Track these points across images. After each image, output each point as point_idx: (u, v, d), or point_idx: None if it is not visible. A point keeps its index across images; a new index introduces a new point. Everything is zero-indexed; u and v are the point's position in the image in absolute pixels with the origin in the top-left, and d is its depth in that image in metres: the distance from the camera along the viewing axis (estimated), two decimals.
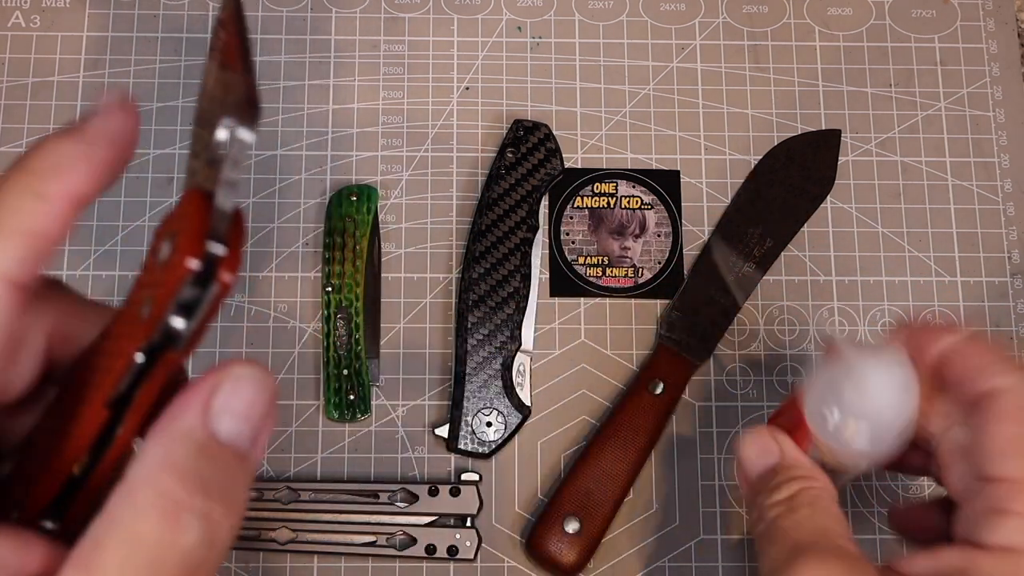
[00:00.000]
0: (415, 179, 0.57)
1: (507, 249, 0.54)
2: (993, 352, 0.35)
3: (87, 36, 0.58)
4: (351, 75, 0.58)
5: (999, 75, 0.59)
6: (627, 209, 0.56)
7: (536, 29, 0.59)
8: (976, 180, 0.57)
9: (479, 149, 0.57)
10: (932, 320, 0.39)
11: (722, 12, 0.60)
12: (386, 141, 0.57)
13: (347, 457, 0.53)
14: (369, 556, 0.51)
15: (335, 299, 0.53)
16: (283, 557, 0.51)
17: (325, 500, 0.51)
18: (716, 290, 0.54)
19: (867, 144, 0.58)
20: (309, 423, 0.53)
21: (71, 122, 0.25)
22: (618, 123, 0.58)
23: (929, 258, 0.56)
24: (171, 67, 0.58)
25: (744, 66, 0.59)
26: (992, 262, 0.56)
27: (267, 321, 0.54)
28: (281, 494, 0.51)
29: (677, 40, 0.59)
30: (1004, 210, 0.57)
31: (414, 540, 0.50)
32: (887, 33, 0.60)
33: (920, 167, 0.58)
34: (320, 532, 0.50)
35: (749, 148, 0.58)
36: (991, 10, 0.60)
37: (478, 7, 0.59)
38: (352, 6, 0.59)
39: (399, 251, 0.56)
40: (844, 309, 0.55)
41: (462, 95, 0.58)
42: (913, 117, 0.58)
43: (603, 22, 0.59)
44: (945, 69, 0.59)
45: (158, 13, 0.59)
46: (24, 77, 0.57)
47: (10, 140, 0.56)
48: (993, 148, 0.58)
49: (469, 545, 0.50)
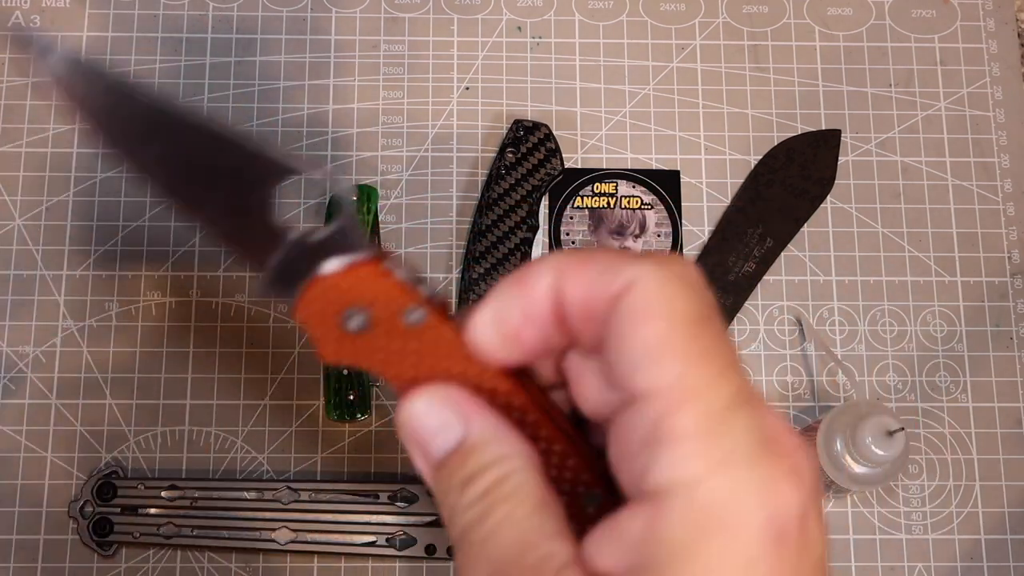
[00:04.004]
0: (415, 179, 0.57)
1: (507, 249, 0.54)
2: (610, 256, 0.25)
3: (87, 36, 0.58)
4: (351, 75, 0.58)
5: (999, 75, 0.59)
6: (627, 209, 0.56)
7: (536, 29, 0.59)
8: (976, 180, 0.57)
9: (479, 149, 0.57)
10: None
11: (722, 12, 0.60)
12: (386, 141, 0.57)
13: (347, 457, 0.53)
14: (369, 556, 0.51)
15: None
16: (283, 557, 0.51)
17: (325, 500, 0.51)
18: (716, 290, 0.54)
19: (867, 144, 0.58)
20: (309, 423, 0.53)
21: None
22: (618, 123, 0.58)
23: (929, 258, 0.56)
24: (171, 67, 0.58)
25: (744, 66, 0.59)
26: (992, 262, 0.56)
27: (267, 321, 0.54)
28: (281, 494, 0.51)
29: (677, 40, 0.59)
30: (1004, 210, 0.57)
31: (414, 540, 0.50)
32: (887, 33, 0.60)
33: (920, 167, 0.58)
34: (320, 532, 0.50)
35: (749, 148, 0.58)
36: (991, 10, 0.60)
37: (478, 7, 0.59)
38: (352, 6, 0.59)
39: (399, 251, 0.56)
40: (844, 309, 0.55)
41: (462, 95, 0.58)
42: (913, 117, 0.58)
43: (603, 22, 0.59)
44: (945, 69, 0.59)
45: (158, 13, 0.59)
46: (24, 77, 0.57)
47: (10, 140, 0.56)
48: (993, 148, 0.58)
49: None
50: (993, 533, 0.53)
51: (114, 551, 0.51)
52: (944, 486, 0.53)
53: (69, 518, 0.51)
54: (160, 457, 0.53)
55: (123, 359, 0.54)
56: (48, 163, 0.56)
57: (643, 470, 0.22)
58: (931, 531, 0.52)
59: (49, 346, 0.54)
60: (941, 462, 0.53)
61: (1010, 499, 0.53)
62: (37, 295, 0.54)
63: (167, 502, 0.50)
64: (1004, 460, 0.53)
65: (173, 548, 0.51)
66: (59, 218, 0.55)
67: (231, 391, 0.53)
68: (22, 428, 0.53)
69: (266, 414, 0.53)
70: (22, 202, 0.56)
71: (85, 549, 0.50)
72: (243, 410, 0.53)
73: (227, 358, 0.54)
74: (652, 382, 0.22)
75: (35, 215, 0.55)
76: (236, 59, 0.58)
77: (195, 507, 0.50)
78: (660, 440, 0.22)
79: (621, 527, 0.22)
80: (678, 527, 0.21)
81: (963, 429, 0.54)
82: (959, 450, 0.53)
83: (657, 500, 0.21)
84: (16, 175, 0.56)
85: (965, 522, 0.53)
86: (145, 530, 0.50)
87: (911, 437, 0.53)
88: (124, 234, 0.55)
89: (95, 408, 0.53)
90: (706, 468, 0.21)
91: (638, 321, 0.23)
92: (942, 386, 0.54)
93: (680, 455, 0.21)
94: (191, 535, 0.50)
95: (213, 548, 0.51)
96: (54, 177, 0.56)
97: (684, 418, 0.22)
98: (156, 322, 0.54)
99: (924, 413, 0.54)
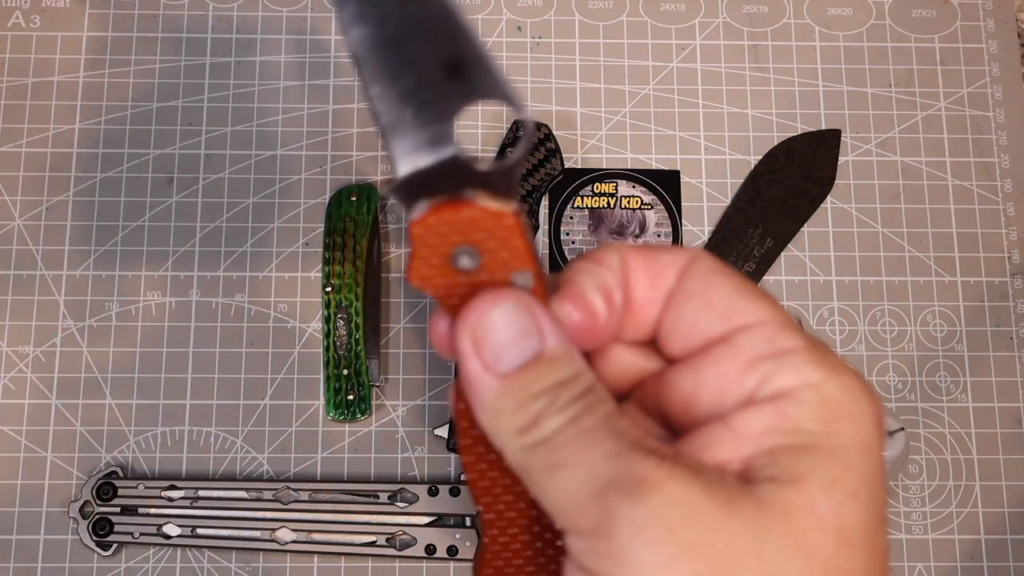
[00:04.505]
0: None
1: None
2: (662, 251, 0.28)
3: (87, 36, 0.58)
4: (351, 75, 0.58)
5: (999, 75, 0.59)
6: (627, 209, 0.56)
7: (536, 29, 0.59)
8: (976, 180, 0.57)
9: (479, 149, 0.57)
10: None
11: (722, 12, 0.60)
12: None
13: (347, 457, 0.53)
14: (369, 556, 0.51)
15: (335, 299, 0.53)
16: (283, 557, 0.51)
17: (325, 500, 0.51)
18: None
19: (867, 144, 0.58)
20: (309, 423, 0.53)
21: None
22: (618, 123, 0.58)
23: (929, 258, 0.56)
24: (171, 67, 0.58)
25: (744, 66, 0.59)
26: (992, 262, 0.56)
27: (267, 321, 0.54)
28: (281, 494, 0.51)
29: (677, 40, 0.59)
30: (1004, 210, 0.57)
31: (414, 540, 0.50)
32: (887, 33, 0.60)
33: (920, 167, 0.58)
34: (320, 532, 0.50)
35: (749, 148, 0.58)
36: (991, 10, 0.60)
37: (478, 7, 0.59)
38: None
39: (399, 251, 0.56)
40: (844, 309, 0.55)
41: None
42: (913, 117, 0.58)
43: (603, 22, 0.59)
44: (945, 69, 0.59)
45: (158, 13, 0.59)
46: (24, 77, 0.57)
47: (10, 140, 0.56)
48: (993, 148, 0.58)
49: (469, 545, 0.50)
50: (993, 533, 0.53)
51: (114, 551, 0.51)
52: (944, 486, 0.53)
53: (69, 518, 0.51)
54: (160, 457, 0.53)
55: (123, 359, 0.54)
56: (48, 163, 0.56)
57: (761, 380, 0.25)
58: (931, 531, 0.52)
59: (49, 346, 0.54)
60: (941, 462, 0.53)
61: (1010, 499, 0.53)
62: (37, 295, 0.54)
63: (167, 502, 0.50)
64: (1004, 460, 0.53)
65: (173, 548, 0.51)
66: (59, 218, 0.55)
67: (231, 391, 0.53)
68: (22, 428, 0.53)
69: (266, 414, 0.53)
70: (22, 202, 0.56)
71: (85, 549, 0.50)
72: (243, 410, 0.53)
73: (227, 358, 0.54)
74: (753, 316, 0.26)
75: (35, 215, 0.55)
76: (236, 59, 0.58)
77: (195, 507, 0.50)
78: (781, 353, 0.25)
79: (736, 426, 0.25)
80: (810, 419, 0.24)
81: (963, 429, 0.54)
82: (959, 450, 0.53)
83: (784, 400, 0.25)
84: (16, 175, 0.56)
85: (965, 522, 0.53)
86: (145, 530, 0.50)
87: (911, 437, 0.53)
88: (124, 234, 0.55)
89: (95, 408, 0.53)
90: (825, 373, 0.25)
91: (720, 275, 0.27)
92: (942, 386, 0.54)
93: (802, 362, 0.25)
94: (191, 535, 0.50)
95: (213, 548, 0.51)
96: (54, 177, 0.56)
97: (795, 338, 0.26)
98: (156, 322, 0.54)
99: (924, 413, 0.54)
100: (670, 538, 0.23)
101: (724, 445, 0.25)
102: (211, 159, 0.56)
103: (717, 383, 0.26)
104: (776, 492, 0.24)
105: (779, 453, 0.24)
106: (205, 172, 0.56)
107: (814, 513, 0.24)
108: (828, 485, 0.24)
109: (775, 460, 0.24)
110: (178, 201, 0.56)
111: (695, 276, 0.27)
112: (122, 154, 0.56)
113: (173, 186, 0.56)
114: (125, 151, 0.56)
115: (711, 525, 0.23)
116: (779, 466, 0.24)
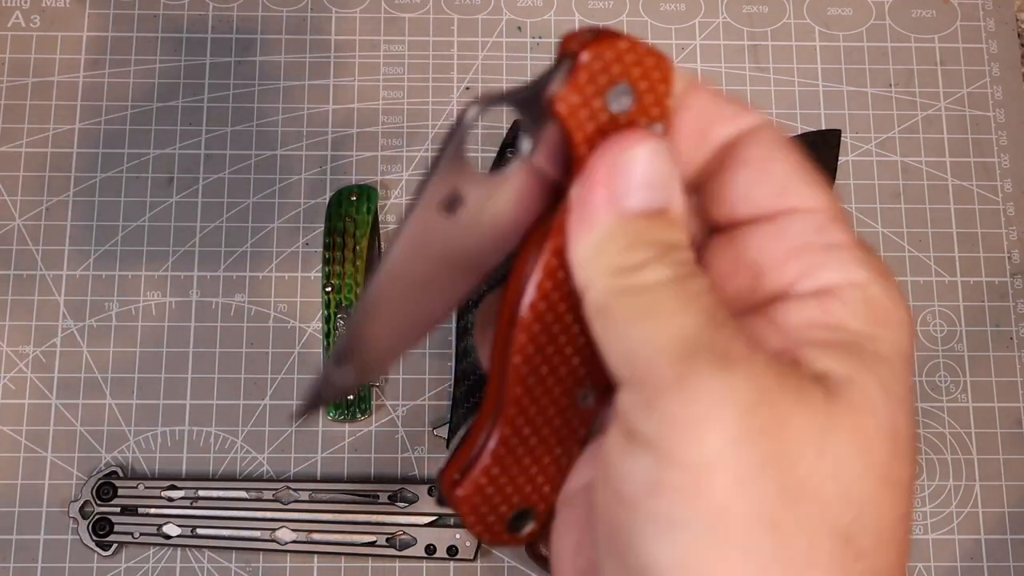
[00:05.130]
0: (415, 179, 0.57)
1: None
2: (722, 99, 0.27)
3: (87, 36, 0.58)
4: (351, 75, 0.58)
5: (999, 75, 0.59)
6: None
7: (536, 29, 0.59)
8: (976, 180, 0.57)
9: (479, 149, 0.57)
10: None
11: (722, 12, 0.60)
12: (386, 141, 0.57)
13: (347, 457, 0.53)
14: (369, 556, 0.51)
15: (335, 299, 0.53)
16: (283, 557, 0.51)
17: (325, 500, 0.51)
18: None
19: (867, 144, 0.58)
20: (309, 423, 0.53)
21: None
22: None
23: (929, 258, 0.56)
24: (171, 67, 0.58)
25: (744, 66, 0.59)
26: (992, 262, 0.56)
27: (267, 321, 0.54)
28: (281, 494, 0.51)
29: (677, 40, 0.59)
30: (1004, 210, 0.57)
31: (414, 540, 0.50)
32: (887, 33, 0.60)
33: (920, 167, 0.58)
34: (320, 532, 0.50)
35: None
36: (991, 10, 0.60)
37: (478, 7, 0.59)
38: (352, 6, 0.59)
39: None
40: None
41: (462, 95, 0.58)
42: (913, 117, 0.58)
43: (603, 22, 0.59)
44: (945, 69, 0.59)
45: (158, 13, 0.59)
46: (24, 77, 0.57)
47: (10, 140, 0.56)
48: (993, 148, 0.58)
49: (469, 545, 0.50)
50: (993, 533, 0.53)
51: (114, 551, 0.51)
52: (944, 486, 0.53)
53: (69, 518, 0.51)
54: (160, 457, 0.53)
55: (123, 359, 0.54)
56: (48, 163, 0.56)
57: (804, 271, 0.24)
58: (931, 531, 0.52)
59: (49, 346, 0.54)
60: (941, 462, 0.53)
61: (1010, 499, 0.53)
62: (37, 295, 0.54)
63: (167, 502, 0.50)
64: (1004, 460, 0.53)
65: (173, 548, 0.51)
66: (59, 218, 0.55)
67: (231, 391, 0.53)
68: (22, 428, 0.53)
69: (266, 414, 0.53)
70: (22, 202, 0.56)
71: (85, 549, 0.50)
72: (243, 410, 0.53)
73: (227, 358, 0.54)
74: (809, 200, 0.25)
75: (35, 215, 0.55)
76: (236, 59, 0.58)
77: (195, 507, 0.50)
78: (830, 247, 0.24)
79: (776, 317, 0.24)
80: (856, 319, 0.24)
81: (963, 429, 0.54)
82: (959, 450, 0.53)
83: (828, 297, 0.24)
84: (16, 175, 0.56)
85: (965, 522, 0.53)
86: (145, 530, 0.50)
87: None
88: (124, 234, 0.55)
89: (95, 408, 0.53)
90: (871, 275, 0.24)
91: (784, 149, 0.26)
92: (942, 386, 0.54)
93: (850, 260, 0.24)
94: (191, 535, 0.50)
95: (213, 548, 0.51)
96: (54, 177, 0.56)
97: (845, 232, 0.25)
98: (156, 322, 0.54)
99: (924, 413, 0.54)
100: (740, 417, 0.22)
101: (765, 335, 0.24)
102: (211, 159, 0.56)
103: (755, 265, 0.25)
104: (838, 388, 0.23)
105: (826, 348, 0.23)
106: (205, 172, 0.56)
107: (874, 416, 0.23)
108: (883, 389, 0.23)
109: (820, 355, 0.23)
110: (178, 201, 0.56)
111: (757, 143, 0.26)
112: (122, 154, 0.56)
113: (173, 186, 0.56)
114: (125, 151, 0.56)
115: (781, 412, 0.22)
116: (829, 362, 0.23)
